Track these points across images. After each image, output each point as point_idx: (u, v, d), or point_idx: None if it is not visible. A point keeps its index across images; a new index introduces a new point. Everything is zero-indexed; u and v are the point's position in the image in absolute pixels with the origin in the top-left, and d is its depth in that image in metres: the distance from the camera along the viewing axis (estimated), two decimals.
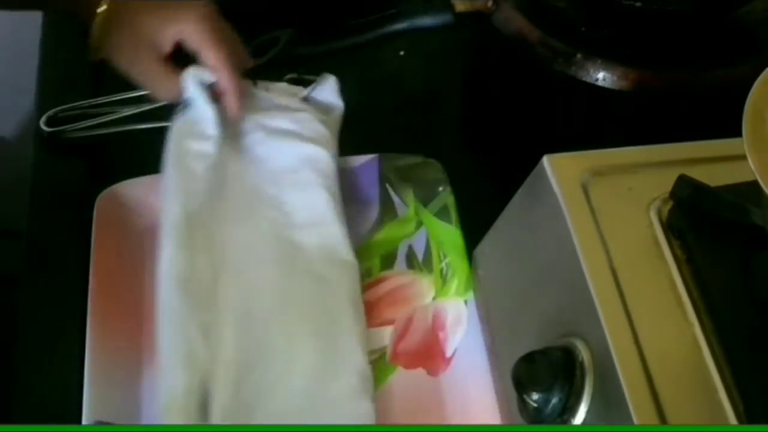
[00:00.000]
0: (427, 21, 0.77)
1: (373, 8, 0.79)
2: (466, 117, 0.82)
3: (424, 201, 0.71)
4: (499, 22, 0.77)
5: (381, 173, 0.72)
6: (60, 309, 0.63)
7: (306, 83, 0.79)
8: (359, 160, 0.72)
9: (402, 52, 0.83)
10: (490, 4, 0.77)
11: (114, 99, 0.75)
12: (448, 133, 0.79)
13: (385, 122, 0.78)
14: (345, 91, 0.75)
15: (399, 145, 0.75)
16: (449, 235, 0.70)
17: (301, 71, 0.79)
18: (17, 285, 0.66)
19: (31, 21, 0.84)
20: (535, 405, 0.47)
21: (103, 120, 0.73)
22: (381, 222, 0.71)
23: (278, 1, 0.85)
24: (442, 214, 0.71)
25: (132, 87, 0.74)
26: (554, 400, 0.47)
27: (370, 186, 0.72)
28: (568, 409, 0.47)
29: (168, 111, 0.73)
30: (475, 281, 0.65)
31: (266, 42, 0.80)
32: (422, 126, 0.79)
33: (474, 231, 0.64)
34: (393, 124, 0.78)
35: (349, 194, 0.71)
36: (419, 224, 0.71)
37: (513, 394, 0.50)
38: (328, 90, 0.73)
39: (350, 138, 0.76)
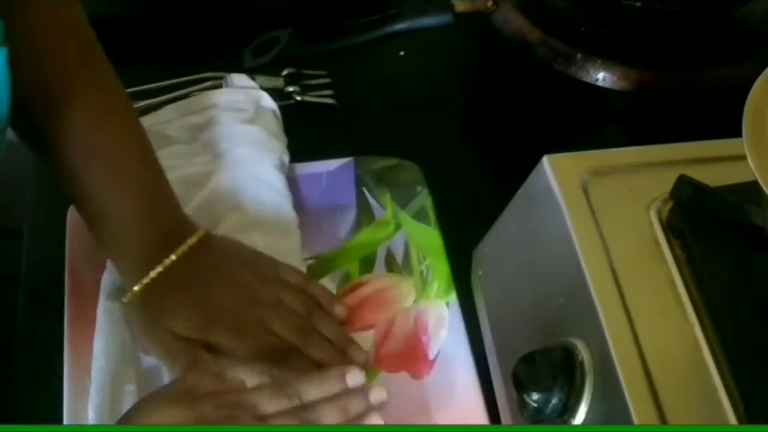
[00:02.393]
0: (427, 21, 0.77)
1: (373, 8, 0.79)
2: (466, 117, 0.82)
3: (402, 203, 0.71)
4: (499, 22, 0.77)
5: (357, 176, 0.72)
6: (60, 309, 0.63)
7: (304, 78, 0.79)
8: (335, 164, 0.72)
9: (402, 52, 0.83)
10: (490, 4, 0.77)
11: None
12: (448, 133, 0.79)
13: (384, 122, 0.78)
14: (345, 91, 0.75)
15: (398, 144, 0.75)
16: (428, 236, 0.69)
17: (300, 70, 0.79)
18: (17, 285, 0.66)
19: None
20: (535, 405, 0.47)
21: None
22: (359, 225, 0.70)
23: (278, 1, 0.86)
24: (420, 215, 0.70)
25: (132, 84, 0.74)
26: (554, 400, 0.47)
27: (346, 189, 0.71)
28: (568, 409, 0.47)
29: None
30: (475, 281, 0.65)
31: (266, 42, 0.80)
32: (422, 126, 0.79)
33: (474, 231, 0.64)
34: (393, 124, 0.78)
35: (325, 198, 0.71)
36: (398, 227, 0.70)
37: (513, 393, 0.50)
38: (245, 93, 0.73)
39: (349, 138, 0.76)
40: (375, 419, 0.52)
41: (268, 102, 0.72)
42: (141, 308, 0.59)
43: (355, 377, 0.53)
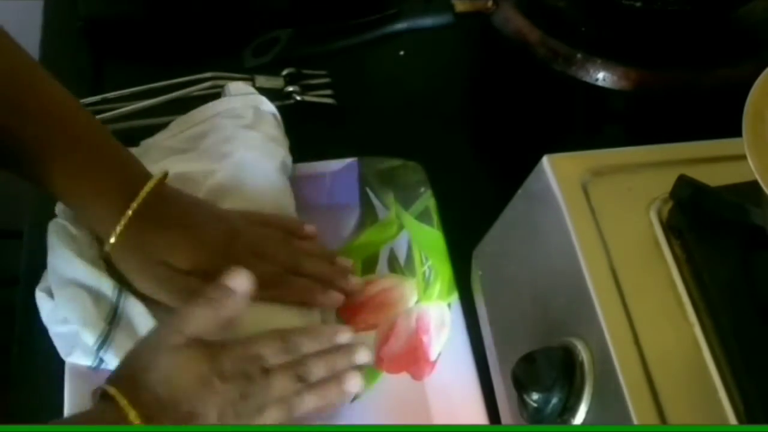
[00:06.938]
0: (427, 21, 0.77)
1: (373, 8, 0.79)
2: (466, 117, 0.82)
3: (405, 204, 0.71)
4: (499, 22, 0.77)
5: (361, 177, 0.72)
6: None
7: (304, 78, 0.79)
8: (338, 164, 0.72)
9: (402, 52, 0.83)
10: (490, 4, 0.77)
11: (114, 96, 0.75)
12: (448, 133, 0.79)
13: (384, 122, 0.78)
14: (345, 91, 0.75)
15: (397, 144, 0.75)
16: (431, 237, 0.69)
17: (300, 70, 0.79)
18: (17, 285, 0.66)
19: (32, 20, 0.84)
20: (535, 405, 0.47)
21: (104, 117, 0.73)
22: (362, 226, 0.70)
23: (278, 1, 0.86)
24: (423, 216, 0.70)
25: (132, 84, 0.74)
26: (554, 400, 0.47)
27: (350, 190, 0.72)
28: (568, 409, 0.47)
29: (169, 107, 0.73)
30: (475, 281, 0.65)
31: (266, 42, 0.80)
32: (422, 126, 0.79)
33: (474, 231, 0.64)
34: (392, 124, 0.78)
35: (329, 198, 0.71)
36: (400, 227, 0.70)
37: (513, 394, 0.50)
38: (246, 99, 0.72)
39: (349, 138, 0.76)
40: (355, 379, 0.58)
41: (268, 106, 0.72)
42: (128, 247, 0.59)
43: (344, 336, 0.61)
